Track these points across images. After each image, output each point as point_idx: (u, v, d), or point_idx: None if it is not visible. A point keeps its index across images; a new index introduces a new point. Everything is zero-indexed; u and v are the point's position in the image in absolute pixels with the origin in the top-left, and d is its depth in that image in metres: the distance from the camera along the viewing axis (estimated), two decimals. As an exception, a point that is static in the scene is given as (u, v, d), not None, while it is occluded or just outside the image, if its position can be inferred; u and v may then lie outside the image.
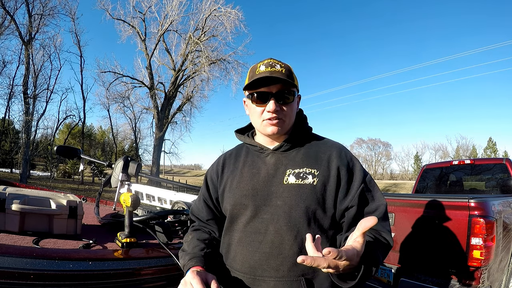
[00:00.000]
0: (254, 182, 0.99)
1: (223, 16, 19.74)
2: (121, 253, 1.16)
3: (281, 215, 0.91)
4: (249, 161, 1.05)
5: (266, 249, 0.91)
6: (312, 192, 0.92)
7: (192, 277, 0.79)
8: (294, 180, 0.94)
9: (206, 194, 1.13)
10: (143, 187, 2.20)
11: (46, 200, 1.40)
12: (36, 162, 30.35)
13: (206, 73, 20.04)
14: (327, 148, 1.01)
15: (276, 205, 0.93)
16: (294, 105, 1.02)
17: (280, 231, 0.91)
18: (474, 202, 2.32)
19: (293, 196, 0.92)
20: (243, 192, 0.99)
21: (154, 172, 20.82)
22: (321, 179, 0.94)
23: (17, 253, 0.88)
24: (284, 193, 0.93)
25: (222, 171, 1.10)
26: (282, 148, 1.01)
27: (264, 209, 0.94)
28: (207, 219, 1.11)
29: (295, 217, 0.90)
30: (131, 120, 26.56)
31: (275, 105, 0.95)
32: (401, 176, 54.24)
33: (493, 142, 45.16)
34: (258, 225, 0.94)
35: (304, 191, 0.92)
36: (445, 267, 2.42)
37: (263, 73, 0.95)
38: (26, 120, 17.20)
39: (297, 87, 1.02)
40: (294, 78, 1.00)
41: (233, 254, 0.98)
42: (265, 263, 0.90)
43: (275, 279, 0.89)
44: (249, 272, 0.92)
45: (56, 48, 19.89)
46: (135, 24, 20.63)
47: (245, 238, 0.95)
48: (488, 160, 5.24)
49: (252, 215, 0.95)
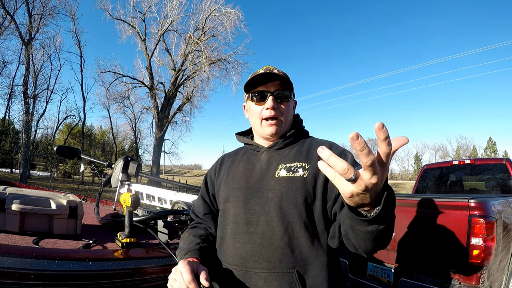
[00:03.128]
0: (247, 176, 1.03)
1: (223, 16, 19.73)
2: (121, 253, 1.16)
3: (272, 206, 0.93)
4: (245, 159, 1.10)
5: (257, 240, 0.92)
6: (302, 184, 0.93)
7: (182, 265, 0.80)
8: (285, 173, 0.97)
9: (204, 190, 1.17)
10: (143, 187, 2.21)
11: (46, 200, 1.41)
12: (36, 162, 30.35)
13: (206, 73, 20.03)
14: (319, 144, 0.99)
15: (267, 197, 0.95)
16: (291, 106, 1.08)
17: (271, 222, 0.92)
18: (474, 202, 2.32)
19: (284, 188, 0.94)
20: (236, 185, 1.02)
21: (154, 172, 20.81)
22: (311, 171, 0.95)
23: (17, 253, 0.88)
24: (275, 186, 0.96)
25: (220, 168, 1.15)
26: (276, 146, 1.05)
27: (256, 201, 0.96)
28: (204, 213, 1.13)
29: (285, 209, 0.92)
30: (131, 120, 26.57)
31: (273, 102, 1.01)
32: (401, 176, 54.24)
33: (493, 142, 45.25)
34: (250, 217, 0.95)
35: (294, 183, 0.94)
36: (445, 267, 2.42)
37: (261, 74, 1.01)
38: (26, 120, 17.19)
39: (293, 92, 1.09)
40: (291, 83, 1.05)
41: (225, 247, 0.99)
42: (256, 254, 0.91)
43: (266, 271, 0.89)
44: (240, 264, 0.93)
45: (56, 48, 19.89)
46: (135, 24, 20.62)
47: (237, 229, 0.96)
48: (488, 160, 5.23)
49: (243, 206, 0.97)
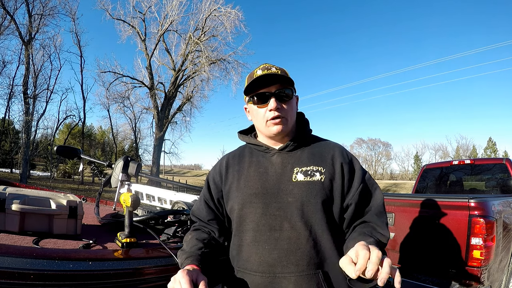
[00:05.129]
0: (263, 180, 1.00)
1: (223, 16, 19.74)
2: (121, 253, 1.16)
3: (294, 211, 0.94)
4: (255, 161, 1.07)
5: (284, 246, 0.92)
6: (321, 188, 0.96)
7: (181, 275, 0.78)
8: (303, 177, 0.98)
9: (208, 195, 1.13)
10: (143, 187, 2.21)
11: (46, 200, 1.40)
12: (36, 162, 30.33)
13: (206, 73, 20.03)
14: (330, 148, 1.06)
15: (287, 201, 0.95)
16: (294, 103, 1.06)
17: (295, 227, 0.93)
18: (474, 202, 2.32)
19: (304, 192, 0.95)
20: (252, 191, 1.00)
21: (154, 172, 20.81)
22: (327, 176, 0.98)
23: (17, 253, 0.88)
24: (294, 190, 0.96)
25: (226, 171, 1.11)
26: (288, 148, 1.04)
27: (275, 206, 0.96)
28: (207, 219, 1.10)
29: (308, 212, 0.94)
30: (131, 120, 26.56)
31: (276, 103, 0.99)
32: (401, 176, 54.23)
33: (493, 142, 45.20)
34: (272, 222, 0.95)
35: (314, 187, 0.96)
36: (445, 267, 2.42)
37: (261, 76, 0.99)
38: (26, 120, 17.19)
39: (294, 88, 1.06)
40: (291, 79, 1.03)
41: (246, 255, 0.97)
42: (284, 259, 0.92)
43: (295, 275, 0.90)
44: (267, 271, 0.92)
45: (56, 48, 19.90)
46: (135, 24, 20.62)
47: (260, 236, 0.95)
48: (488, 160, 5.23)
49: (263, 213, 0.96)
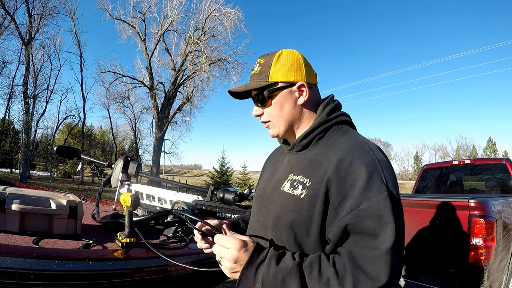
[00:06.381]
0: (266, 183, 0.99)
1: (223, 16, 19.72)
2: (121, 253, 1.16)
3: (269, 222, 0.87)
4: (273, 161, 1.05)
5: None
6: (295, 207, 0.79)
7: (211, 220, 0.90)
8: (288, 187, 0.84)
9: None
10: (143, 187, 2.21)
11: (46, 200, 1.41)
12: (36, 162, 30.32)
13: (206, 73, 20.02)
14: (337, 151, 0.78)
15: (269, 210, 0.89)
16: (279, 102, 0.87)
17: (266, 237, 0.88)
18: (474, 202, 2.32)
19: (281, 205, 0.84)
20: (258, 192, 1.02)
21: (154, 172, 20.80)
22: (310, 192, 0.77)
23: (17, 253, 0.88)
24: (276, 200, 0.87)
25: (264, 166, 1.12)
26: (294, 148, 0.91)
27: (263, 212, 0.92)
28: None
29: (281, 227, 0.83)
30: (131, 120, 26.50)
31: (256, 111, 0.93)
32: (401, 176, 54.19)
33: (493, 142, 45.21)
34: (256, 227, 0.95)
35: (289, 203, 0.81)
36: (445, 267, 2.42)
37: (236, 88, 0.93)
38: (26, 120, 17.17)
39: (283, 80, 0.86)
40: (270, 72, 0.86)
41: None
42: None
43: None
44: None
45: (56, 48, 19.80)
46: (135, 24, 20.60)
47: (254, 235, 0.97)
48: (488, 160, 5.24)
49: (255, 215, 0.99)
